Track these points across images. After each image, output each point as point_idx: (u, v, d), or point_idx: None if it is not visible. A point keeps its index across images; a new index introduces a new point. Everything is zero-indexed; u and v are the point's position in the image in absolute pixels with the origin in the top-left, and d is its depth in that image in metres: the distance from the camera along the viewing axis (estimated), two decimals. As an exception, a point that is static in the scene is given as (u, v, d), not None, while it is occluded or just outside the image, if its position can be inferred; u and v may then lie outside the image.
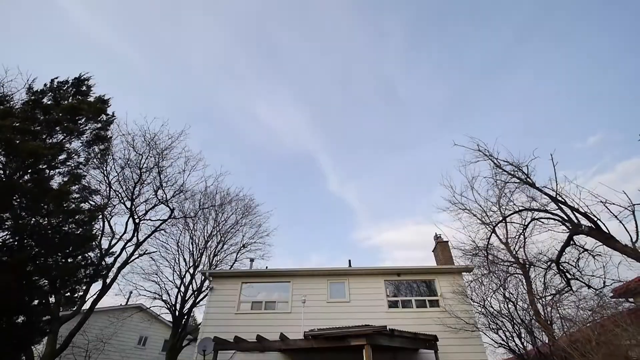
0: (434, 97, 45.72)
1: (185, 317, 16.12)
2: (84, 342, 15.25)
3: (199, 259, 17.62)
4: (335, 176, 58.15)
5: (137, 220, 15.51)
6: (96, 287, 13.99)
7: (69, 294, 10.69)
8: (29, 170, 8.18)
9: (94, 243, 11.21)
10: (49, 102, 10.31)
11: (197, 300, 16.77)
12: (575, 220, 8.39)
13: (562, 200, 8.60)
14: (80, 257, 9.25)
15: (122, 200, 15.41)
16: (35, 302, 7.33)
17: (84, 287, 12.85)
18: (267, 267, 13.23)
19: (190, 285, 16.87)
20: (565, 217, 8.63)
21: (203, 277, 16.91)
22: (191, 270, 17.19)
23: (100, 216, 13.95)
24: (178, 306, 16.07)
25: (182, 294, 16.46)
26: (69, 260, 8.42)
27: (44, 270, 7.17)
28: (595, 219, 7.89)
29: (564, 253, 8.98)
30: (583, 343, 6.25)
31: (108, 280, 13.93)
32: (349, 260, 13.53)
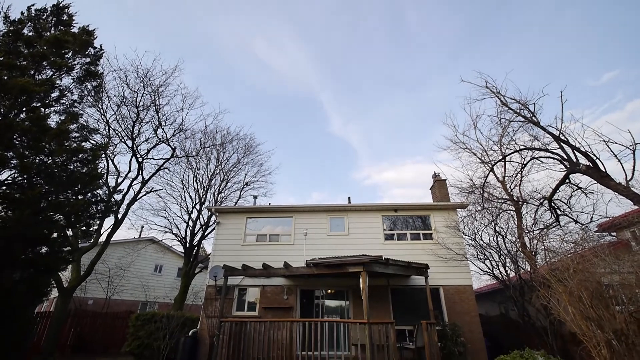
0: (445, 29, 42.08)
1: (196, 248, 17.35)
2: (105, 270, 16.74)
3: (204, 196, 18.28)
4: (338, 116, 56.82)
5: (140, 159, 15.72)
6: (109, 222, 14.83)
7: (84, 228, 11.31)
8: (24, 109, 8.01)
9: (100, 181, 11.52)
10: (30, 34, 9.60)
11: (206, 233, 17.88)
12: (574, 159, 8.47)
13: (565, 139, 8.56)
14: (89, 194, 9.57)
15: (122, 139, 15.42)
16: (55, 235, 7.81)
17: (98, 222, 13.61)
18: (270, 204, 13.78)
19: (198, 220, 17.82)
20: (565, 157, 8.69)
21: (209, 213, 17.76)
22: (197, 207, 17.98)
23: (103, 155, 14.09)
24: (188, 239, 17.19)
25: (190, 228, 17.47)
26: (79, 197, 8.72)
27: (57, 206, 7.49)
28: (594, 158, 7.97)
29: (558, 191, 9.26)
30: (561, 271, 6.82)
31: (119, 216, 14.70)
32: (349, 198, 14.05)
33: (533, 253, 9.30)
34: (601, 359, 5.67)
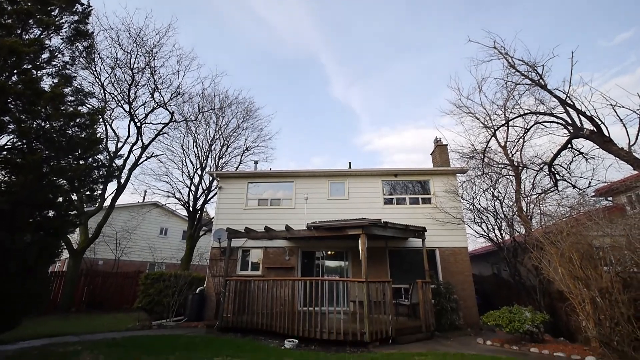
0: (455, -21, 39.15)
1: (199, 212, 17.74)
2: (112, 233, 17.26)
3: (205, 162, 18.32)
4: (340, 79, 55.01)
5: (138, 124, 15.55)
6: (112, 186, 15.07)
7: (88, 192, 11.42)
8: (15, 71, 7.74)
9: (100, 146, 11.47)
10: (12, -12, 9.01)
11: (208, 198, 18.17)
12: (579, 124, 8.35)
13: (571, 103, 8.38)
14: (90, 159, 9.58)
15: (119, 103, 15.13)
16: (60, 199, 7.94)
17: (101, 187, 13.81)
18: (270, 169, 13.84)
19: (200, 185, 18.02)
20: (569, 121, 8.57)
21: (211, 178, 17.90)
22: (199, 172, 18.09)
23: (101, 119, 13.91)
24: (191, 203, 17.51)
25: (193, 193, 17.73)
26: (81, 162, 8.74)
27: (59, 171, 7.52)
28: (599, 123, 7.87)
29: (559, 156, 9.25)
30: (555, 234, 7.03)
31: (122, 181, 14.88)
32: (349, 163, 14.08)
33: (529, 217, 9.52)
34: (584, 314, 6.04)
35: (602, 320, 5.67)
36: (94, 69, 14.10)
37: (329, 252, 11.21)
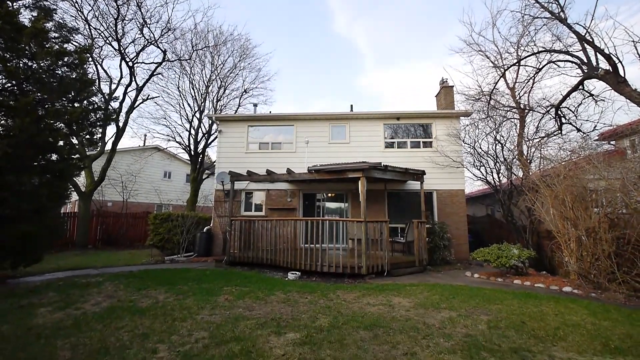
0: None
1: (201, 155, 17.83)
2: (117, 176, 17.59)
3: (202, 104, 17.85)
4: (343, 13, 50.35)
5: (130, 64, 14.82)
6: (112, 130, 14.93)
7: (88, 136, 11.38)
8: (-11, 2, 7.12)
9: (94, 88, 11.09)
10: None
11: (209, 141, 18.11)
12: (594, 63, 7.91)
13: (590, 39, 7.82)
14: (85, 102, 9.34)
15: (107, 41, 14.24)
16: (61, 143, 7.94)
17: (100, 130, 13.69)
18: (270, 112, 13.53)
19: (200, 129, 17.83)
20: (585, 60, 8.09)
21: (210, 122, 17.63)
22: (197, 115, 17.75)
23: (90, 59, 13.20)
24: (192, 147, 17.52)
25: (193, 137, 17.63)
26: (76, 105, 8.54)
27: (55, 114, 7.38)
28: (616, 62, 7.44)
29: (568, 98, 8.94)
30: (552, 177, 7.15)
31: (120, 124, 14.69)
32: (351, 106, 13.67)
33: (528, 161, 9.56)
34: (568, 251, 6.45)
35: (584, 257, 6.07)
36: (74, 0, 12.96)
37: (330, 194, 11.55)
